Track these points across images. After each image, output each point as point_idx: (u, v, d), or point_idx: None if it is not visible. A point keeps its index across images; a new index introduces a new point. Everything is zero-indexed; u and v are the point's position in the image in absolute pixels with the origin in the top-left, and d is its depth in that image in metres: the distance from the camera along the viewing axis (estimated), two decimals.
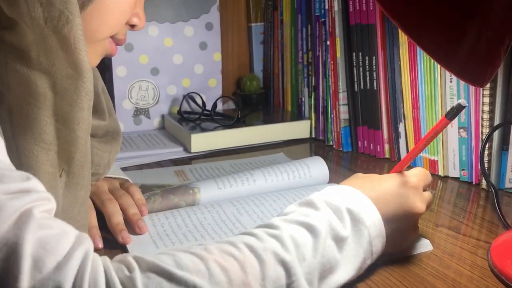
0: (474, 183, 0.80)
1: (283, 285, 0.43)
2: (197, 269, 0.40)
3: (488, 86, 0.74)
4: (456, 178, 0.83)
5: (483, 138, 0.76)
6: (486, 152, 0.76)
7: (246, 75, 1.27)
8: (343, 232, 0.49)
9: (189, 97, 1.15)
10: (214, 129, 1.03)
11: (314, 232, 0.47)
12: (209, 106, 1.11)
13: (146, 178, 0.83)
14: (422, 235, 0.62)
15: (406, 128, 0.89)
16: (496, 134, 0.76)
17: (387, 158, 0.94)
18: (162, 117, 1.15)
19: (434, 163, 0.85)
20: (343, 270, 0.48)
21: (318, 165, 0.81)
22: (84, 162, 0.49)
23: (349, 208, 0.51)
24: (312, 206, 0.51)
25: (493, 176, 0.77)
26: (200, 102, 1.13)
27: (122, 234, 0.62)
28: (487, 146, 0.76)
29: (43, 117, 0.45)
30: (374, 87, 0.94)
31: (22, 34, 0.44)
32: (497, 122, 0.75)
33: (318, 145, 1.06)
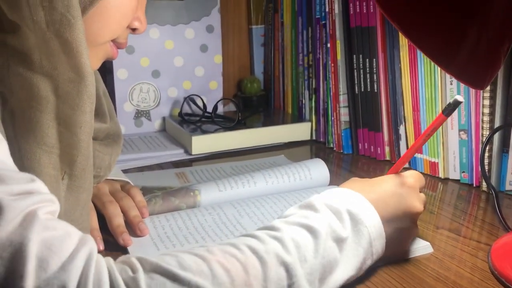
0: (474, 185, 0.80)
1: (285, 286, 0.44)
2: (200, 269, 0.40)
3: (488, 88, 0.74)
4: (456, 180, 0.83)
5: (484, 140, 0.76)
6: (487, 154, 0.76)
7: (246, 77, 1.27)
8: (343, 233, 0.49)
9: (190, 99, 1.15)
10: (215, 131, 1.03)
11: (314, 233, 0.48)
12: (210, 108, 1.11)
13: (147, 180, 0.83)
14: (423, 237, 0.62)
15: (407, 130, 0.89)
16: (496, 136, 0.76)
17: (388, 160, 0.95)
18: (163, 119, 1.16)
19: (434, 165, 0.85)
20: (343, 270, 0.48)
21: (318, 167, 0.81)
22: (86, 165, 0.49)
23: (348, 209, 0.51)
24: (312, 208, 0.51)
25: (493, 178, 0.77)
26: (201, 104, 1.13)
27: (123, 236, 0.62)
28: (488, 148, 0.76)
29: (46, 120, 0.45)
30: (375, 90, 0.94)
31: (24, 37, 0.44)
32: (497, 124, 0.75)
33: (318, 147, 1.07)
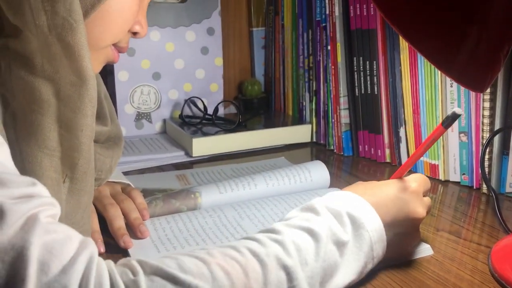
0: (474, 188, 0.81)
1: None
2: (200, 272, 0.40)
3: (488, 91, 0.74)
4: (456, 183, 0.83)
5: (484, 142, 0.76)
6: (487, 156, 0.76)
7: (247, 80, 1.27)
8: (344, 236, 0.49)
9: (190, 101, 1.15)
10: (216, 133, 1.03)
11: (315, 236, 0.48)
12: (210, 111, 1.11)
13: (147, 182, 0.84)
14: (423, 240, 0.62)
15: (407, 132, 0.89)
16: (496, 139, 0.76)
17: (388, 163, 0.95)
18: (164, 121, 1.16)
19: (434, 168, 0.85)
20: (344, 274, 0.49)
21: (319, 169, 0.81)
22: (87, 168, 0.50)
23: (350, 213, 0.51)
24: (313, 211, 0.51)
25: (493, 180, 0.77)
26: (201, 107, 1.13)
27: (124, 239, 0.62)
28: (488, 150, 0.76)
29: (47, 123, 0.46)
30: (375, 92, 0.94)
31: (27, 41, 0.44)
32: (497, 126, 0.75)
33: (319, 149, 1.07)
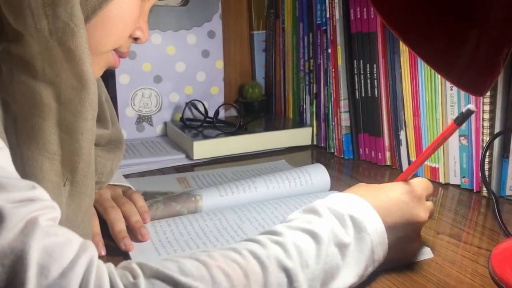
0: (475, 191, 0.81)
1: None
2: (200, 275, 0.40)
3: (488, 94, 0.74)
4: (457, 186, 0.83)
5: (484, 145, 0.76)
6: (487, 159, 0.76)
7: (248, 83, 1.27)
8: (346, 238, 0.49)
9: (191, 104, 1.16)
10: (216, 136, 1.03)
11: (317, 238, 0.48)
12: (211, 114, 1.12)
13: (148, 185, 0.84)
14: (423, 243, 0.62)
15: (407, 135, 0.89)
16: (496, 142, 0.76)
17: (388, 166, 0.95)
18: (165, 124, 1.16)
19: (435, 171, 0.86)
20: (345, 276, 0.48)
21: (319, 172, 0.81)
22: (88, 171, 0.50)
23: (352, 215, 0.51)
24: (315, 213, 0.51)
25: (493, 183, 0.77)
26: (202, 110, 1.14)
27: (125, 242, 0.62)
28: (488, 153, 0.76)
29: (48, 127, 0.46)
30: (375, 95, 0.94)
31: (28, 46, 0.44)
32: (497, 129, 0.76)
33: (319, 152, 1.07)
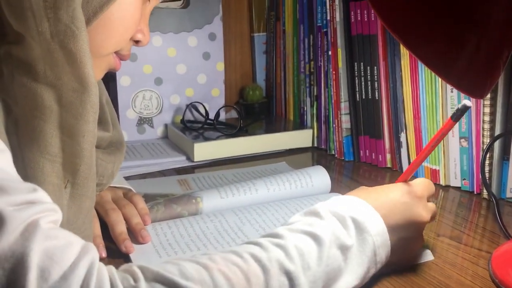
0: (475, 193, 0.81)
1: None
2: (201, 278, 0.40)
3: (488, 96, 0.74)
4: (457, 188, 0.83)
5: (484, 148, 0.76)
6: (487, 161, 0.76)
7: (248, 85, 1.27)
8: (348, 240, 0.49)
9: (192, 106, 1.16)
10: (217, 138, 1.04)
11: (318, 241, 0.48)
12: (212, 116, 1.12)
13: (149, 187, 0.84)
14: (424, 245, 0.62)
15: (408, 138, 0.89)
16: (497, 144, 0.76)
17: (389, 168, 0.95)
18: (166, 126, 1.16)
19: (435, 173, 0.86)
20: (347, 279, 0.48)
21: (320, 174, 0.81)
22: (89, 173, 0.50)
23: (353, 217, 0.51)
24: (316, 216, 0.51)
25: (494, 185, 0.77)
26: (203, 112, 1.14)
27: (125, 244, 0.62)
28: (488, 155, 0.76)
29: (49, 129, 0.46)
30: (376, 97, 0.94)
31: (29, 48, 0.44)
32: (498, 132, 0.76)
33: (320, 154, 1.07)
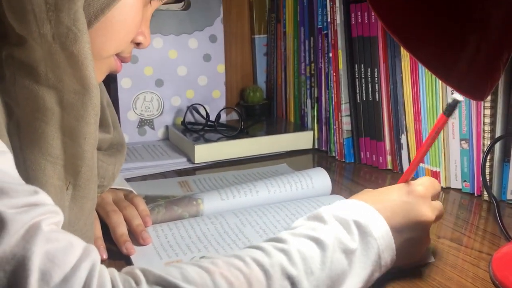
0: (476, 195, 0.81)
1: None
2: (203, 282, 0.40)
3: (489, 98, 0.74)
4: (458, 190, 0.83)
5: (485, 149, 0.76)
6: (488, 163, 0.76)
7: (249, 87, 1.27)
8: (352, 244, 0.49)
9: (193, 108, 1.16)
10: (218, 140, 1.04)
11: (321, 245, 0.47)
12: (212, 117, 1.12)
13: (150, 189, 0.84)
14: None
15: (408, 139, 0.89)
16: (497, 146, 0.76)
17: (390, 169, 0.95)
18: (166, 128, 1.16)
19: (436, 175, 0.86)
20: (351, 282, 0.48)
21: (320, 176, 0.81)
22: (90, 175, 0.50)
23: (356, 220, 0.51)
24: (320, 220, 0.51)
25: (494, 187, 0.77)
26: (203, 113, 1.14)
27: (126, 245, 0.62)
28: (489, 157, 0.76)
29: (50, 131, 0.46)
30: (376, 99, 0.94)
31: (31, 50, 0.44)
32: (498, 133, 0.76)
33: (320, 156, 1.07)
